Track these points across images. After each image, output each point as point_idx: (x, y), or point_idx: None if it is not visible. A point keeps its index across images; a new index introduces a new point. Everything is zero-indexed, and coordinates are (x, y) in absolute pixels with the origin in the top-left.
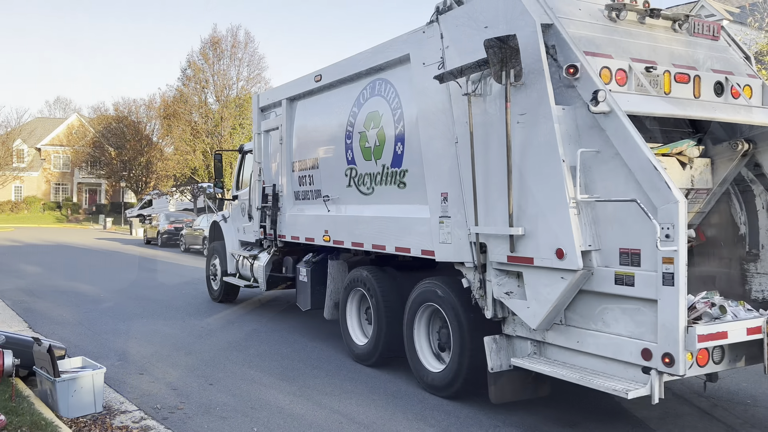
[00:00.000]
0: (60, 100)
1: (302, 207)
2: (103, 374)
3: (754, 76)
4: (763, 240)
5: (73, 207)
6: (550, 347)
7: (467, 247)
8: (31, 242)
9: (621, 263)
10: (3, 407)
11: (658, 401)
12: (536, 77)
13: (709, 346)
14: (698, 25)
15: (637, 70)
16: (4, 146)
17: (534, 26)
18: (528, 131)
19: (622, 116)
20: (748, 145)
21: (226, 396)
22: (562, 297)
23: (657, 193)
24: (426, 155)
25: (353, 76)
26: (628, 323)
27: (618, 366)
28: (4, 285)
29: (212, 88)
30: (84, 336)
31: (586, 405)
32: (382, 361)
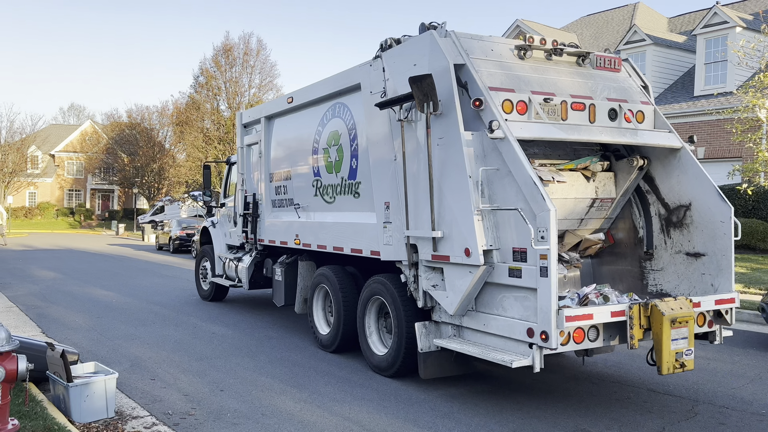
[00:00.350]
0: (74, 107)
1: (278, 214)
2: (116, 380)
3: (648, 102)
4: (656, 242)
5: (86, 213)
6: (465, 330)
7: (404, 248)
8: (44, 248)
9: (514, 260)
10: (17, 412)
11: (539, 370)
12: (450, 108)
13: (579, 325)
14: (600, 59)
15: (536, 102)
16: (19, 153)
17: (448, 66)
18: (444, 152)
19: (512, 141)
20: (644, 161)
21: (237, 402)
22: (472, 288)
23: (536, 204)
24: (373, 169)
25: (318, 99)
26: (518, 308)
27: (512, 343)
28: (17, 290)
29: (224, 95)
30: (96, 341)
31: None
32: (341, 347)
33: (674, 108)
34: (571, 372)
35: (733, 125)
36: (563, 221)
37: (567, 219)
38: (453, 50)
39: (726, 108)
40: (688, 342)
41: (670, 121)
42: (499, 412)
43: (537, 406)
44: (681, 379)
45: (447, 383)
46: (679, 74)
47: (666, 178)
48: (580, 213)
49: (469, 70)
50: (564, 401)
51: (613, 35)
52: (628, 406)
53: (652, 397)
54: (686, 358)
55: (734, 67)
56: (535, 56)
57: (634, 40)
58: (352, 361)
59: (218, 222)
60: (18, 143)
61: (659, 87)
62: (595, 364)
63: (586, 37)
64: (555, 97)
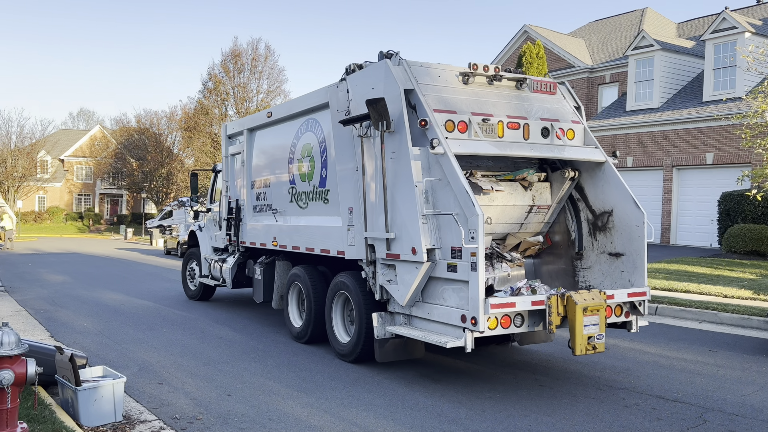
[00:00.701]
0: (83, 111)
1: (259, 218)
2: (124, 383)
3: (578, 122)
4: (585, 243)
5: (95, 217)
6: (414, 318)
7: (363, 248)
8: (53, 252)
9: (452, 257)
10: (25, 415)
11: (471, 350)
12: (400, 127)
13: (505, 312)
14: (536, 83)
15: (475, 122)
16: (29, 157)
17: (399, 91)
18: (396, 164)
19: (450, 156)
20: (575, 173)
21: (245, 406)
22: (418, 282)
23: (468, 209)
24: (339, 178)
25: (294, 114)
26: (455, 298)
27: (450, 328)
28: (27, 294)
29: (233, 101)
30: (105, 345)
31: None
32: (312, 339)
33: (683, 113)
34: (579, 378)
35: (742, 131)
36: (505, 225)
37: (508, 223)
38: (404, 77)
39: (735, 113)
40: (600, 328)
41: (678, 126)
42: (507, 418)
43: (545, 413)
44: (690, 386)
45: (455, 389)
46: (688, 79)
47: (593, 188)
48: (519, 218)
49: (417, 94)
50: (571, 407)
51: (621, 40)
52: (636, 413)
53: (660, 404)
54: (597, 342)
55: (743, 73)
56: (478, 81)
57: (642, 46)
58: (360, 367)
59: (204, 226)
60: (28, 148)
61: (667, 92)
62: (603, 370)
63: (594, 43)
64: (493, 117)
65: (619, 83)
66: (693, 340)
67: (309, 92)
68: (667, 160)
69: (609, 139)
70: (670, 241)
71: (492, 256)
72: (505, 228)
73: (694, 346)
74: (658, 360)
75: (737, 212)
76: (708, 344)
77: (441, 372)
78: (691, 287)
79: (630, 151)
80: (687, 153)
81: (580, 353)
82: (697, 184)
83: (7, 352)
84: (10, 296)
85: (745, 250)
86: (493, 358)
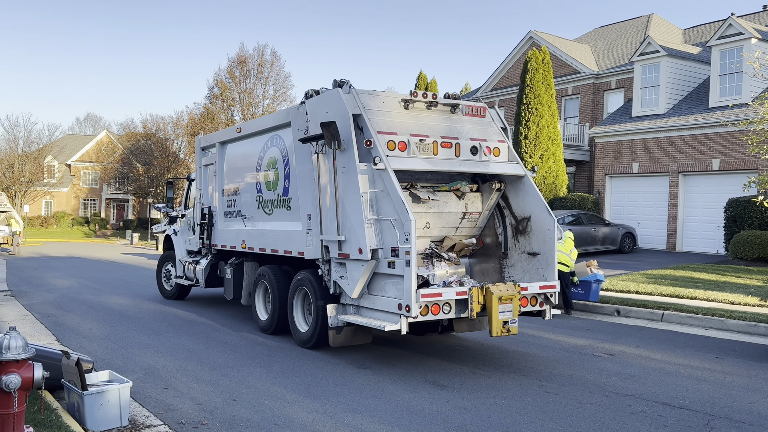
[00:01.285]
0: (90, 116)
1: (229, 223)
2: (130, 388)
3: (504, 141)
4: (509, 244)
5: (101, 222)
6: (362, 308)
7: (320, 249)
8: (59, 256)
9: (391, 256)
10: (32, 419)
11: (405, 333)
12: (349, 145)
13: (434, 301)
14: (468, 108)
15: (413, 142)
16: (36, 162)
17: (348, 115)
18: (346, 177)
19: (390, 172)
20: (501, 185)
21: (250, 412)
22: (365, 277)
23: (403, 216)
24: (299, 188)
25: (261, 131)
26: (394, 290)
27: (390, 315)
28: (33, 299)
29: (239, 106)
30: (111, 350)
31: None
32: (277, 330)
33: (689, 119)
34: (585, 385)
35: (748, 137)
36: (442, 229)
37: (444, 227)
38: (353, 103)
39: (741, 119)
40: (513, 314)
41: (684, 132)
42: (513, 424)
43: (551, 419)
44: (697, 393)
45: (461, 395)
46: (694, 85)
47: (515, 197)
48: (454, 223)
49: (364, 118)
50: (577, 414)
51: (627, 47)
52: (643, 420)
53: (667, 411)
54: (511, 326)
55: (749, 79)
56: (417, 107)
57: (648, 52)
58: (365, 371)
59: (179, 230)
60: (35, 153)
61: (673, 98)
62: (610, 376)
63: (599, 49)
64: (428, 138)
65: (625, 89)
66: (699, 347)
67: (275, 112)
68: (673, 166)
69: (614, 145)
70: (676, 247)
71: (432, 255)
72: (442, 231)
73: (701, 353)
74: (665, 367)
75: (744, 218)
76: (715, 351)
77: (447, 378)
78: (697, 294)
79: (636, 157)
80: (693, 159)
81: (496, 335)
82: (703, 190)
83: (14, 356)
84: (16, 300)
85: (751, 257)
86: (499, 364)
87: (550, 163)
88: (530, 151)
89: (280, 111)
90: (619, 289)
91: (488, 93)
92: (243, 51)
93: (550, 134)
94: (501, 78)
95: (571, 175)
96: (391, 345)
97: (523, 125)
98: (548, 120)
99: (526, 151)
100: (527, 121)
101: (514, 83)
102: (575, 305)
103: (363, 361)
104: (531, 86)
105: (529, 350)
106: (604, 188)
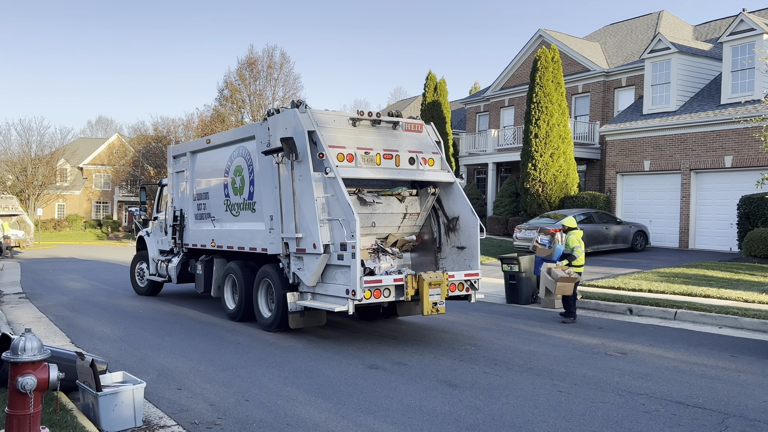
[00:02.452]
0: (101, 120)
1: (199, 224)
2: (143, 389)
3: (438, 153)
4: (443, 240)
5: (113, 224)
6: (317, 295)
7: (281, 245)
8: (72, 258)
9: (341, 249)
10: (48, 420)
11: (351, 313)
12: (305, 157)
13: (376, 286)
14: (407, 125)
15: (359, 154)
16: (48, 166)
17: (304, 132)
18: (302, 184)
19: (339, 180)
20: (435, 189)
21: (263, 412)
22: (318, 268)
23: (349, 216)
24: (262, 193)
25: (228, 142)
26: (343, 278)
27: (340, 299)
28: (47, 301)
29: (249, 108)
30: (124, 351)
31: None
32: (243, 317)
33: (700, 116)
34: (597, 384)
35: (761, 133)
36: (386, 228)
37: (388, 226)
38: (308, 121)
39: (754, 116)
40: (441, 297)
41: (696, 129)
42: (526, 424)
43: (563, 418)
44: (711, 392)
45: (473, 395)
46: (705, 82)
47: (447, 201)
48: (397, 222)
49: (317, 134)
50: (590, 413)
51: (637, 44)
52: (656, 419)
53: (680, 410)
54: (439, 306)
55: (762, 75)
56: (363, 124)
57: (659, 49)
58: (377, 371)
59: (152, 232)
60: (47, 156)
61: (685, 95)
62: (623, 375)
63: (609, 46)
64: (372, 150)
65: (636, 87)
66: (713, 345)
67: (241, 126)
68: (685, 164)
69: (626, 143)
70: (688, 245)
71: (378, 250)
72: (386, 230)
73: (715, 351)
74: (678, 365)
75: (757, 216)
76: (729, 349)
77: (458, 377)
78: (710, 292)
79: (647, 155)
80: (705, 156)
81: (427, 314)
82: (715, 187)
83: (29, 357)
84: (31, 303)
85: (765, 254)
86: (511, 363)
87: (561, 161)
88: (540, 150)
89: (245, 126)
90: (631, 288)
91: (497, 92)
92: (252, 53)
93: (561, 133)
94: (510, 77)
95: (582, 174)
96: (403, 345)
97: (533, 124)
98: (558, 118)
99: (536, 150)
100: (537, 120)
101: (524, 82)
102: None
103: (374, 362)
104: (541, 85)
105: (540, 349)
106: (616, 186)
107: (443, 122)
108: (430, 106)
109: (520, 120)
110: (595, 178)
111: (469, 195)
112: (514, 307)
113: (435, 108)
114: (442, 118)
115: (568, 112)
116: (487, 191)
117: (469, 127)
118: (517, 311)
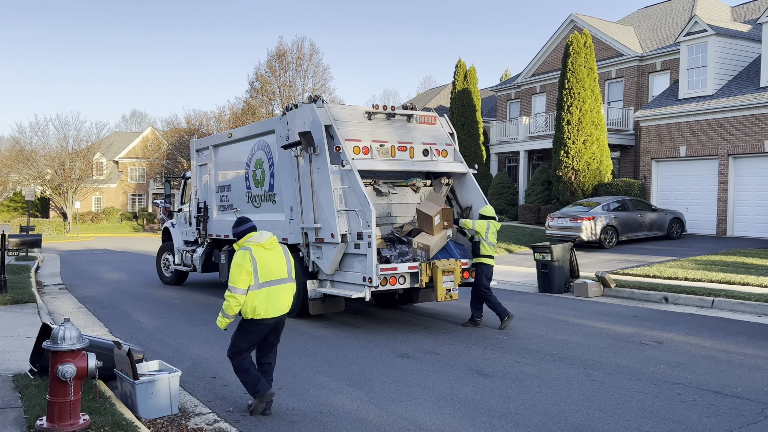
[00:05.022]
0: (135, 114)
1: (222, 215)
2: (179, 377)
3: (451, 144)
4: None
5: (149, 217)
6: (336, 282)
7: (300, 235)
8: (110, 250)
9: (357, 239)
10: (87, 407)
11: (369, 299)
12: (322, 150)
13: (391, 273)
14: (421, 117)
15: (374, 147)
16: (85, 160)
17: (321, 126)
18: (320, 176)
19: (355, 172)
20: (449, 180)
21: (295, 400)
22: (336, 256)
23: (366, 207)
24: (282, 185)
25: (249, 136)
26: (359, 266)
27: (357, 286)
28: (86, 291)
29: (279, 100)
30: (160, 340)
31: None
32: None
33: (738, 100)
34: (632, 374)
35: None
36: (402, 217)
37: (404, 216)
38: (325, 116)
39: None
40: (454, 283)
41: (734, 113)
42: (558, 413)
43: (597, 407)
44: (750, 381)
45: (505, 383)
46: (744, 65)
47: (461, 191)
48: (412, 212)
49: (334, 128)
50: (624, 403)
51: (672, 27)
52: (693, 409)
53: (719, 400)
54: (453, 293)
55: None
56: (378, 117)
57: (695, 31)
58: (408, 360)
59: (176, 223)
60: (84, 150)
61: (722, 79)
62: (658, 364)
63: (643, 30)
64: (387, 143)
65: (671, 71)
66: (752, 334)
67: (260, 121)
68: (723, 149)
69: (661, 128)
70: (726, 232)
71: (393, 239)
72: (402, 220)
73: (754, 340)
74: (716, 354)
75: None
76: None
77: (490, 367)
78: (749, 279)
79: (683, 140)
80: (743, 141)
81: (441, 300)
82: (754, 173)
83: (69, 346)
84: (70, 294)
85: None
86: (543, 353)
87: (594, 148)
88: (573, 137)
89: (265, 120)
90: (667, 276)
91: (529, 79)
92: (282, 45)
93: (594, 119)
94: (542, 63)
95: (616, 161)
96: (434, 334)
97: (565, 110)
98: (591, 104)
99: (569, 137)
100: (569, 106)
101: (556, 68)
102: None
103: (405, 351)
104: (573, 70)
105: (574, 338)
106: (650, 173)
107: (473, 110)
108: (460, 94)
109: (551, 107)
110: (629, 164)
111: (500, 183)
112: (547, 296)
113: (465, 96)
114: (472, 106)
115: (601, 97)
116: (519, 179)
117: (500, 115)
118: (549, 300)
